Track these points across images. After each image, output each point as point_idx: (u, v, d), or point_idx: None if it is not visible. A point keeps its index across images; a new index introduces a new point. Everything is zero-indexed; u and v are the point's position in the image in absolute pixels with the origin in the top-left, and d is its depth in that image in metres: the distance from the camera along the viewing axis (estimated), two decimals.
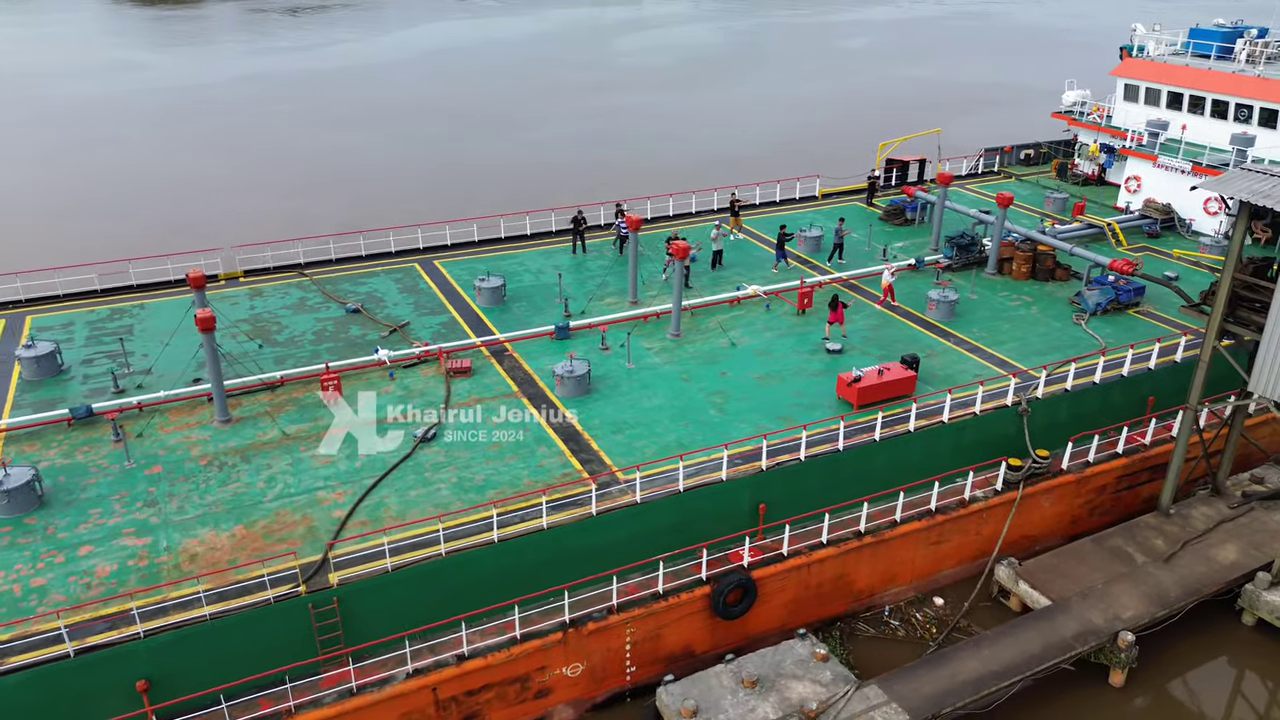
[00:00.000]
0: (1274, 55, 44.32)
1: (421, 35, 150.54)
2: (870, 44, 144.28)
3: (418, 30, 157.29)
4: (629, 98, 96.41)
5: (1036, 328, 32.26)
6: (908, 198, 42.90)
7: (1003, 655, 22.27)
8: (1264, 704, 23.39)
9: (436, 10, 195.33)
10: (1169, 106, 45.05)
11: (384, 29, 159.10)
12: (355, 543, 21.09)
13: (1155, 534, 26.42)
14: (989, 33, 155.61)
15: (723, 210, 43.56)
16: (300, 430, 25.59)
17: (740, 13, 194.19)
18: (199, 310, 24.74)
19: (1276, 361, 23.22)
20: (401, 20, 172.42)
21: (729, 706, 20.97)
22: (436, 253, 38.89)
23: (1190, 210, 41.42)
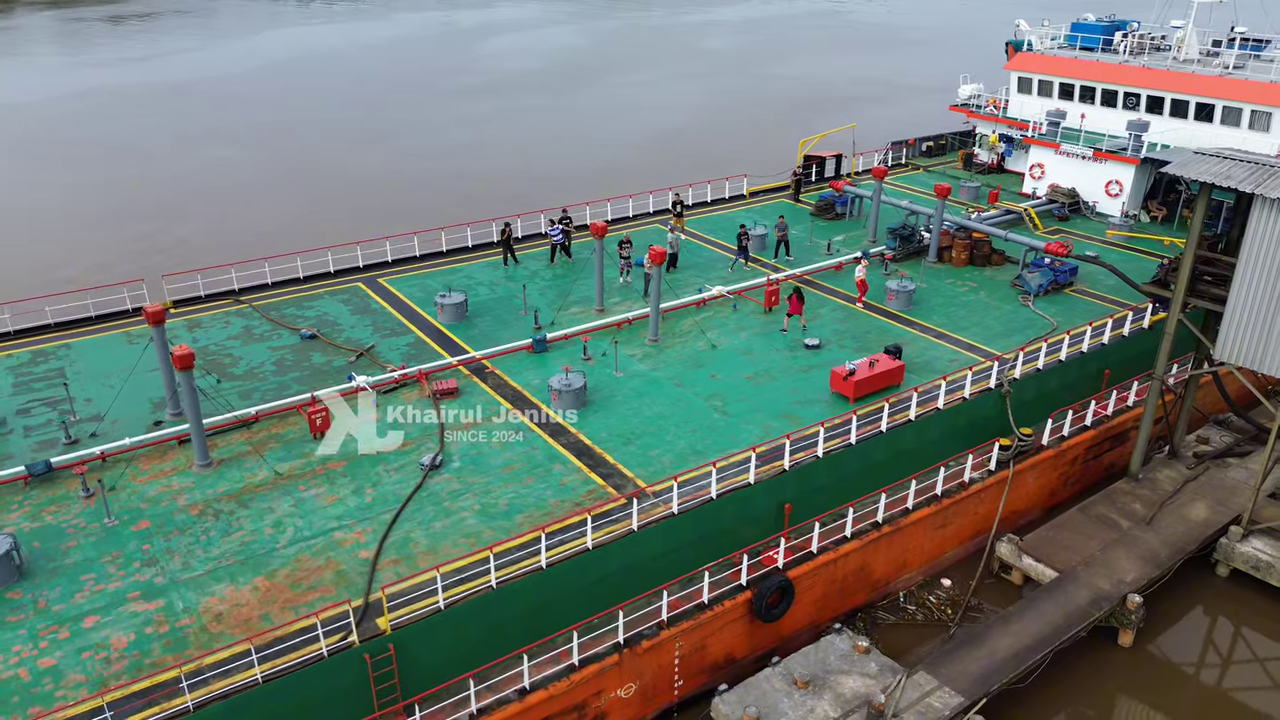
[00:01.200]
0: (1154, 46, 47.92)
1: (269, 43, 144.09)
2: (733, 44, 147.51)
3: (264, 38, 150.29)
4: (508, 102, 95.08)
5: (990, 312, 33.76)
6: (836, 192, 44.06)
7: (1030, 629, 23.19)
8: (1256, 646, 25.18)
9: (275, 16, 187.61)
10: (1061, 97, 48.05)
11: (224, 37, 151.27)
12: (394, 583, 19.89)
13: (1131, 499, 28.12)
14: (843, 30, 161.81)
15: (662, 212, 43.57)
16: (293, 468, 23.93)
17: (597, 14, 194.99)
18: (176, 348, 22.70)
19: (1239, 329, 25.09)
20: (241, 28, 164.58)
21: (789, 709, 20.96)
22: (379, 270, 37.20)
23: (1093, 194, 44.31)
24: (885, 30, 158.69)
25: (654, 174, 61.15)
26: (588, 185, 59.47)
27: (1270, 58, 42.91)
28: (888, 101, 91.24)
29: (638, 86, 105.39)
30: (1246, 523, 26.49)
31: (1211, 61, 44.73)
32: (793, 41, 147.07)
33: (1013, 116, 50.10)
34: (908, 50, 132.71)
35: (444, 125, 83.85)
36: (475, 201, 58.15)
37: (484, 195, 60.59)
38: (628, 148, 74.13)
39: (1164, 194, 44.33)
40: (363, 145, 76.53)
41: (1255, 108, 41.09)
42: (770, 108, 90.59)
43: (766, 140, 74.37)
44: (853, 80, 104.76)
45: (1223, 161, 25.25)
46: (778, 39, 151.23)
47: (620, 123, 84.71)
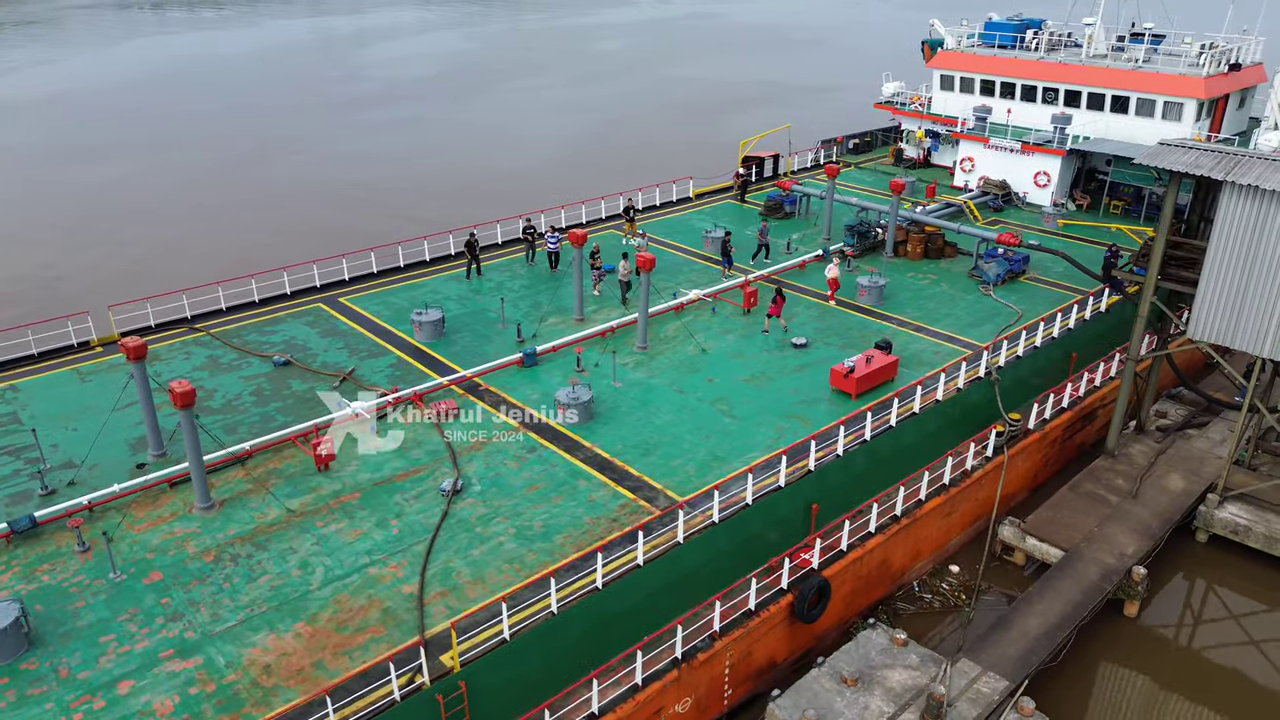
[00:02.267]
0: (1063, 43, 50.44)
1: (134, 52, 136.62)
2: (626, 46, 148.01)
3: (127, 48, 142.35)
4: (409, 110, 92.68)
5: (957, 303, 34.86)
6: (784, 192, 44.70)
7: (1053, 608, 24.02)
8: (1247, 604, 26.67)
9: (132, 26, 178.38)
10: (983, 93, 50.08)
11: (79, 48, 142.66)
12: (442, 618, 19.05)
13: (1113, 475, 29.51)
14: (733, 32, 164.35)
15: (614, 218, 43.28)
16: (304, 504, 22.63)
17: (478, 19, 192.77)
18: (175, 384, 21.10)
19: (1211, 309, 26.61)
20: (97, 38, 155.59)
21: (844, 708, 21.07)
22: (337, 289, 35.64)
23: (1023, 185, 46.35)
24: (773, 31, 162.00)
25: (578, 180, 60.98)
26: (515, 193, 58.72)
27: (1178, 51, 45.81)
28: (790, 103, 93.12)
29: (541, 91, 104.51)
30: (1221, 490, 28.16)
31: (1121, 56, 47.42)
32: (687, 43, 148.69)
33: (937, 113, 51.94)
34: (800, 51, 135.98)
35: (345, 135, 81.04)
36: (407, 214, 56.56)
37: (415, 206, 58.94)
38: (546, 153, 73.36)
39: (1085, 183, 46.79)
40: (266, 158, 73.25)
41: (1168, 99, 43.80)
42: (682, 110, 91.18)
43: (687, 142, 75.01)
44: (758, 82, 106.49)
45: (1189, 152, 26.76)
46: (670, 41, 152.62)
47: (534, 128, 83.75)
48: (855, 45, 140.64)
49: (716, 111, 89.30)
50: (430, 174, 67.90)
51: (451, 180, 65.41)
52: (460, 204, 57.32)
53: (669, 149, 71.85)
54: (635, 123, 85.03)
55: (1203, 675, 24.24)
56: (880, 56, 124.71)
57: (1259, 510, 27.83)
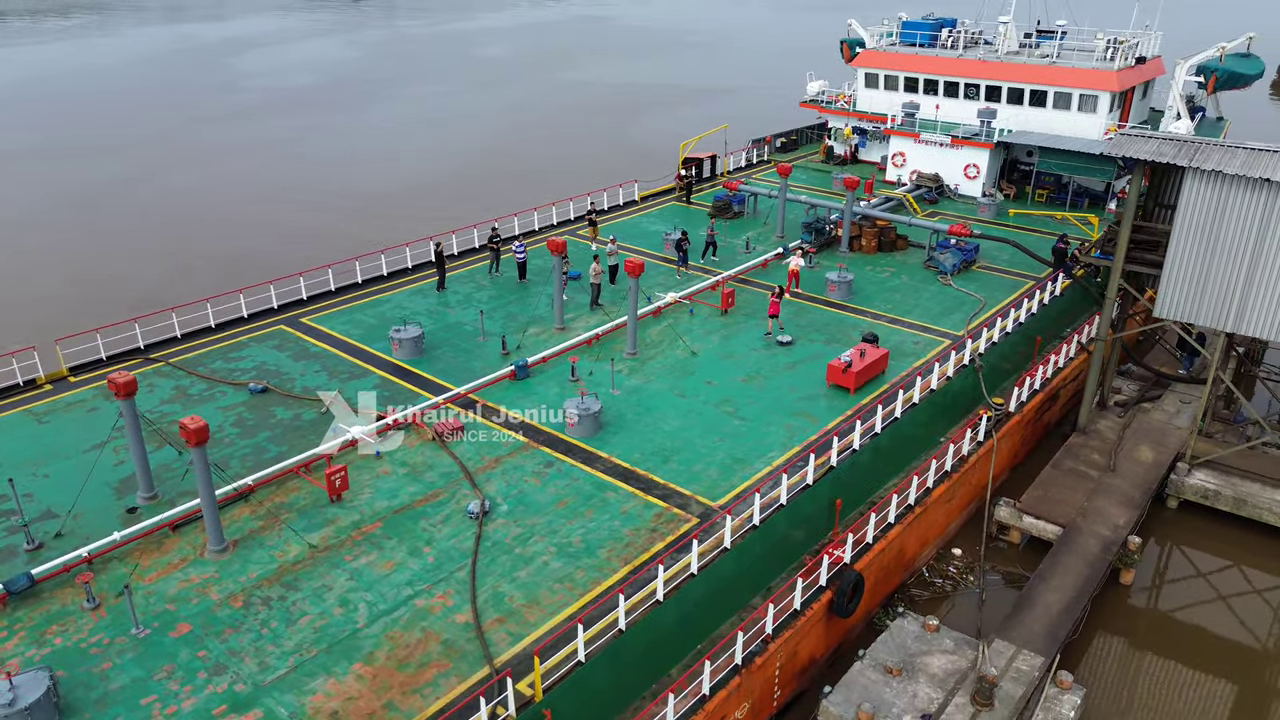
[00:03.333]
0: (976, 40, 52.65)
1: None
2: (514, 51, 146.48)
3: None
4: (300, 121, 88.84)
5: (921, 293, 35.90)
6: (731, 192, 45.08)
7: (1066, 582, 25.00)
8: (1222, 563, 28.38)
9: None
10: (907, 90, 51.75)
11: None
12: (506, 645, 18.39)
13: (1088, 450, 30.95)
14: (620, 35, 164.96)
15: (566, 223, 42.74)
16: (325, 538, 21.45)
17: (352, 25, 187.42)
18: (187, 420, 19.61)
19: (1176, 288, 28.24)
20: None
21: (894, 699, 21.37)
22: (296, 309, 33.96)
23: (954, 177, 48.11)
24: (663, 34, 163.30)
25: (499, 190, 60.20)
26: (438, 205, 57.50)
27: (1087, 47, 48.43)
28: (697, 104, 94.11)
29: (435, 98, 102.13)
30: (1189, 458, 29.92)
31: (1035, 52, 49.83)
32: (578, 47, 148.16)
33: (863, 110, 53.39)
34: (694, 53, 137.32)
35: (237, 150, 77.25)
36: (324, 230, 54.45)
37: (333, 225, 56.77)
38: (461, 163, 71.70)
39: (1009, 174, 48.97)
40: (154, 176, 69.12)
41: (1083, 92, 46.27)
42: (591, 114, 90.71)
43: (604, 146, 74.81)
44: (661, 85, 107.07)
45: (1150, 141, 28.31)
46: (561, 45, 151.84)
47: (442, 137, 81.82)
48: (747, 46, 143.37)
49: (625, 115, 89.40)
50: (342, 187, 65.53)
51: (364, 194, 63.23)
52: (378, 220, 55.63)
53: (586, 154, 71.59)
54: (546, 128, 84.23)
55: (1202, 630, 25.69)
56: (773, 56, 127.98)
57: (1224, 475, 29.69)
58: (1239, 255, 27.00)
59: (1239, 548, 28.69)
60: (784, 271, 36.76)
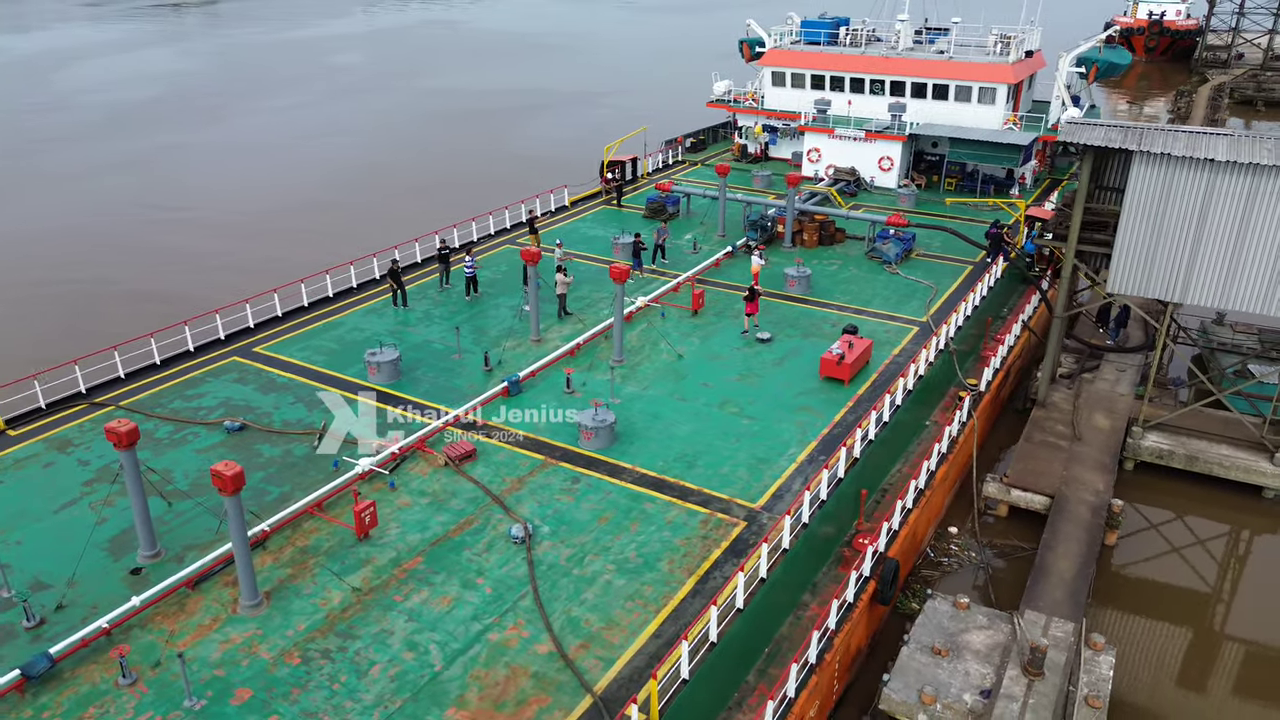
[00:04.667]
0: (871, 38, 54.73)
1: None
2: (368, 58, 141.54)
3: None
4: (150, 140, 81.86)
5: (873, 283, 36.95)
6: (664, 193, 45.07)
7: (1071, 549, 26.27)
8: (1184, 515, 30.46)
9: None
10: (813, 87, 53.24)
11: None
12: (599, 670, 17.72)
13: (1052, 422, 32.64)
14: (475, 40, 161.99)
15: (502, 232, 41.64)
16: (366, 579, 20.06)
17: (181, 34, 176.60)
18: (223, 466, 17.86)
19: (1126, 265, 30.18)
20: None
21: (949, 679, 21.88)
22: (244, 338, 31.64)
23: (869, 170, 49.79)
24: (520, 38, 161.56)
25: (391, 203, 58.25)
26: (331, 221, 54.97)
27: (977, 43, 51.16)
28: (569, 109, 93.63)
29: (295, 110, 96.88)
30: (1142, 422, 32.07)
31: (930, 48, 52.23)
32: (434, 53, 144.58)
33: (771, 108, 54.54)
34: (560, 56, 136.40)
35: (97, 170, 71.26)
36: (227, 256, 51.06)
37: (234, 243, 53.26)
38: (341, 177, 68.19)
39: (916, 165, 51.14)
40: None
41: (982, 85, 48.87)
42: (463, 122, 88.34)
43: (484, 154, 73.21)
44: (533, 89, 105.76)
45: (1098, 128, 30.12)
46: (415, 51, 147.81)
47: (311, 151, 77.41)
48: (612, 48, 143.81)
49: (504, 121, 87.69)
50: (233, 208, 61.54)
51: (257, 213, 59.60)
52: (280, 241, 52.62)
53: (477, 163, 69.87)
54: (427, 138, 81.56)
55: (1188, 576, 27.62)
56: (645, 58, 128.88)
57: (1175, 436, 31.96)
58: (1184, 232, 29.10)
59: (1196, 500, 30.90)
60: (743, 269, 37.06)
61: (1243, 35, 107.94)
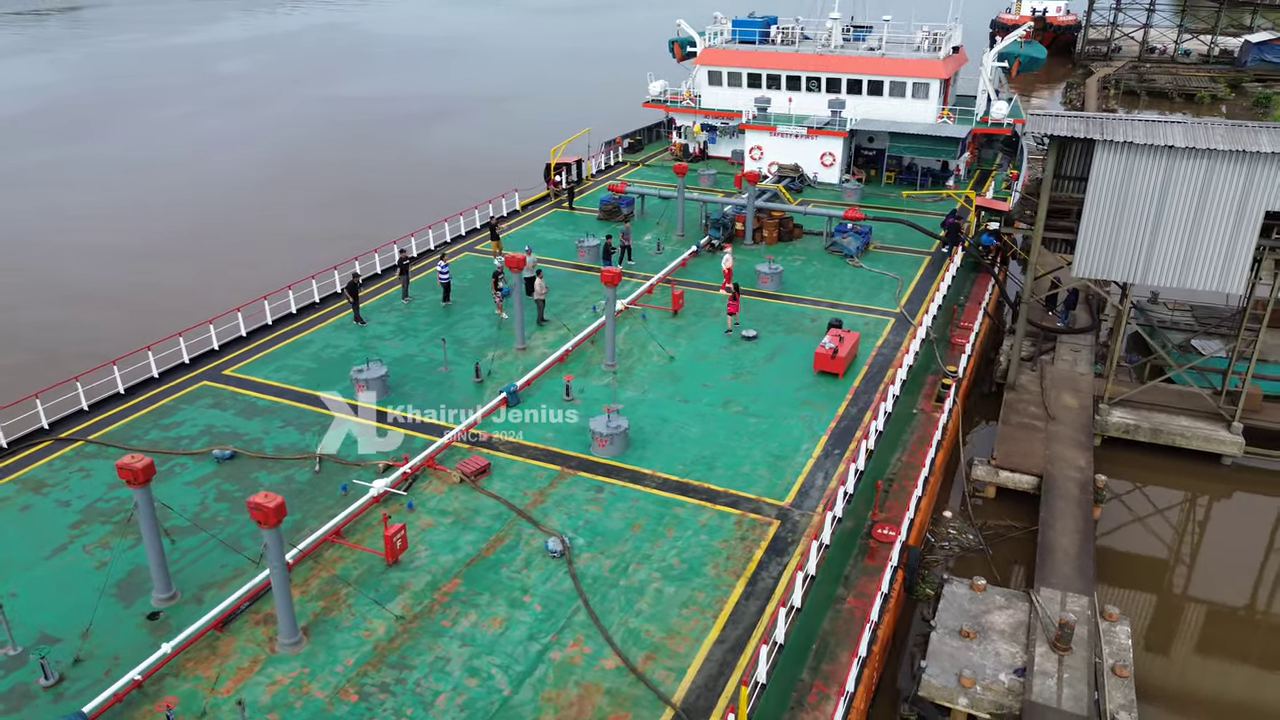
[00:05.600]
0: (805, 37, 55.62)
1: None
2: (258, 64, 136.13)
3: None
4: (18, 158, 76.93)
5: (839, 277, 37.51)
6: (617, 194, 44.75)
7: (1069, 525, 27.18)
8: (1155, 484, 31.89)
9: None
10: (750, 86, 53.77)
11: None
12: (672, 681, 17.38)
13: (1025, 404, 33.76)
14: (366, 45, 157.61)
15: (458, 239, 40.60)
16: (406, 606, 19.18)
17: (45, 42, 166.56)
18: (263, 498, 16.73)
19: (1090, 250, 31.45)
20: None
21: (982, 660, 22.34)
22: (209, 360, 29.92)
23: (811, 166, 50.56)
24: (412, 42, 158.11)
25: (319, 215, 56.31)
26: (243, 239, 52.69)
27: (913, 40, 52.61)
28: (480, 113, 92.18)
29: (186, 121, 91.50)
30: (1108, 399, 33.50)
31: (861, 45, 53.42)
32: (327, 58, 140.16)
33: (708, 107, 54.86)
34: (459, 61, 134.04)
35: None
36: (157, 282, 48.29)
37: (158, 267, 50.38)
38: (250, 193, 65.05)
39: (855, 160, 52.23)
40: None
41: (915, 80, 50.25)
42: (373, 130, 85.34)
43: (398, 162, 71.37)
44: (442, 95, 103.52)
45: (1060, 119, 31.30)
46: (308, 57, 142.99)
47: (214, 163, 73.62)
48: (511, 52, 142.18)
49: (418, 128, 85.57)
50: (146, 227, 58.19)
51: (176, 233, 56.52)
52: (203, 262, 50.12)
53: (382, 172, 67.95)
54: (338, 148, 78.54)
55: (1168, 545, 29.02)
56: (551, 60, 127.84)
57: (1139, 411, 33.49)
58: (1144, 216, 30.50)
59: (1164, 471, 32.46)
60: (711, 268, 37.10)
61: (1120, 29, 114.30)
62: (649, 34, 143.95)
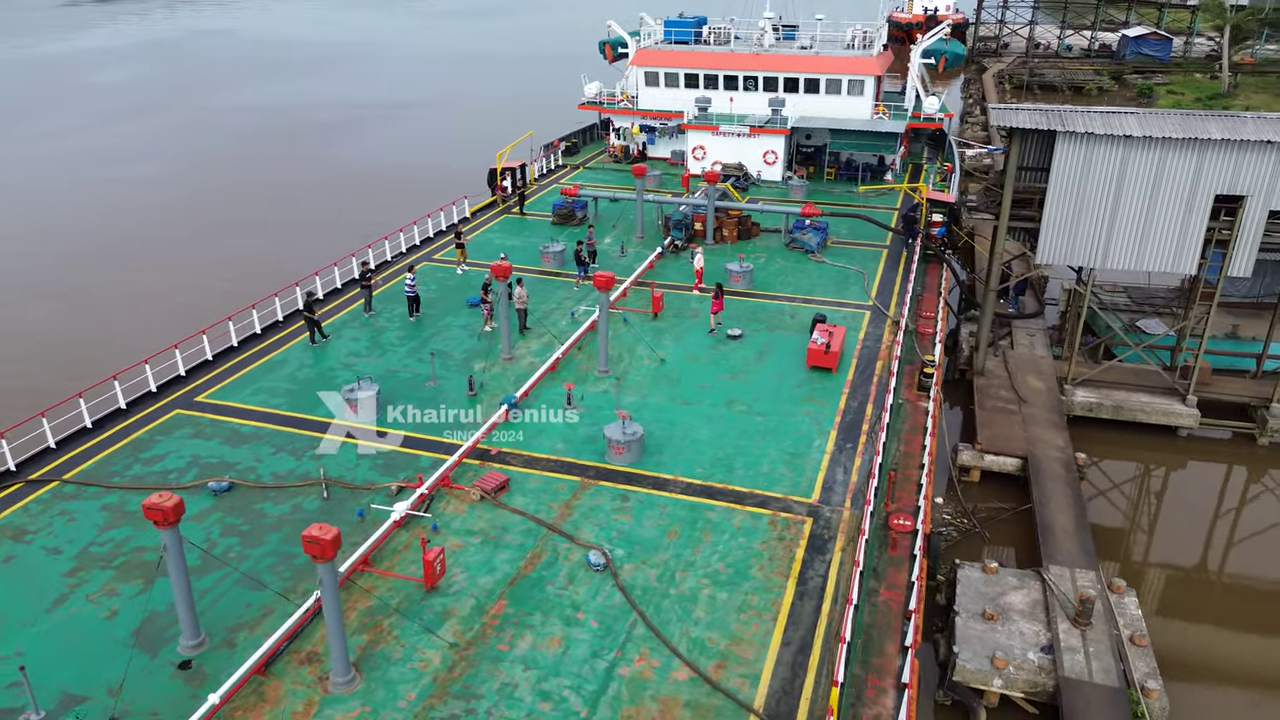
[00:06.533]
0: (737, 36, 56.11)
1: None
2: (136, 75, 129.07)
3: None
4: None
5: (805, 273, 37.94)
6: (570, 198, 44.18)
7: (1062, 503, 28.12)
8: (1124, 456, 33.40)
9: None
10: (687, 86, 53.92)
11: None
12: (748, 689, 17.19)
13: (996, 388, 34.81)
14: (256, 51, 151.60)
15: (413, 250, 39.37)
16: (457, 633, 18.41)
17: None
18: (317, 529, 15.74)
19: (1053, 238, 32.67)
20: None
21: (1008, 641, 22.89)
22: (177, 387, 28.14)
23: (754, 165, 51.01)
24: (308, 48, 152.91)
25: (238, 236, 53.96)
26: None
27: (844, 39, 53.68)
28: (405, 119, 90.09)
29: (66, 137, 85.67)
30: (1070, 379, 34.86)
31: (793, 44, 54.24)
32: (217, 67, 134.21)
33: (645, 107, 54.78)
34: (358, 67, 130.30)
35: None
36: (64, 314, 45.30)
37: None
38: (144, 221, 61.56)
39: (796, 157, 53.01)
40: None
41: (851, 78, 51.30)
42: (277, 142, 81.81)
43: (301, 175, 69.07)
44: (349, 102, 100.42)
45: (1020, 112, 32.38)
46: (188, 66, 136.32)
47: (102, 187, 69.04)
48: (411, 56, 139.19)
49: (325, 139, 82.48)
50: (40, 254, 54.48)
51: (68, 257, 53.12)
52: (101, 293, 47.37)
53: (296, 183, 65.69)
54: (243, 162, 75.07)
55: (1152, 514, 30.56)
56: (460, 64, 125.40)
57: (1099, 390, 34.95)
58: (1103, 203, 31.87)
59: (1125, 446, 33.98)
60: (678, 269, 37.01)
61: (1009, 26, 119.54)
62: (561, 37, 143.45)
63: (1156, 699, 21.26)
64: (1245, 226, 31.05)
